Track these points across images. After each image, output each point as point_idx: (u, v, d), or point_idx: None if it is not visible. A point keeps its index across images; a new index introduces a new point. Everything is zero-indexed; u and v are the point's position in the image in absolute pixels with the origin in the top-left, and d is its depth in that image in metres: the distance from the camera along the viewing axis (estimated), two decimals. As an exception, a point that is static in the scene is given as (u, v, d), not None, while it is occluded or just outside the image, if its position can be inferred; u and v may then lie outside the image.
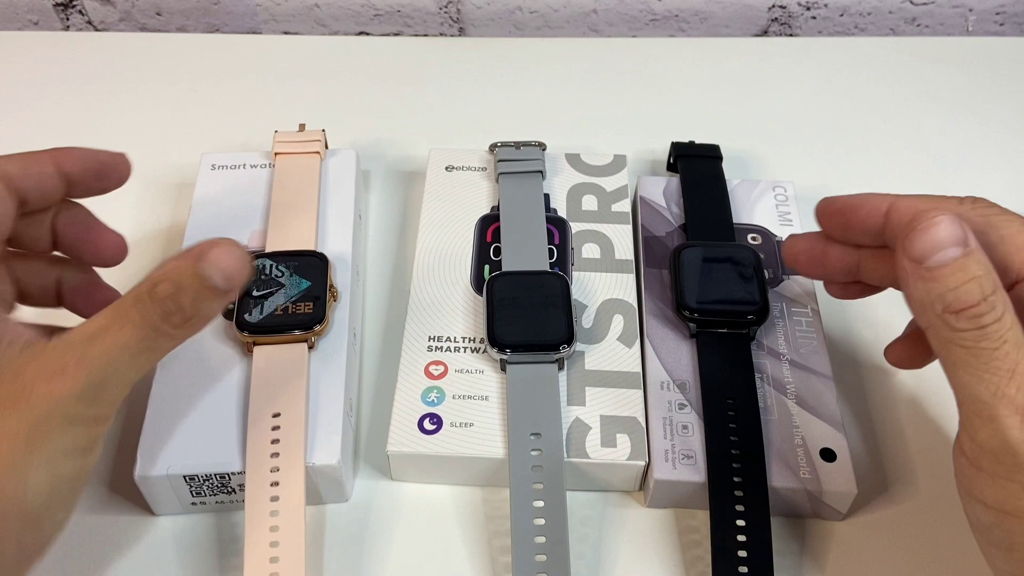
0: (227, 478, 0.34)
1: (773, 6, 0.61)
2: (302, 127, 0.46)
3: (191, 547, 0.35)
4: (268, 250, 0.40)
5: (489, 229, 0.43)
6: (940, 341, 0.28)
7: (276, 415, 0.35)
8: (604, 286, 0.41)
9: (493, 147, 0.46)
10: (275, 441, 0.34)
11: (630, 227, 0.43)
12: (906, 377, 0.41)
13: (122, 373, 0.29)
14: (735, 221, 0.43)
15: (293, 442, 0.34)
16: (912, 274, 0.28)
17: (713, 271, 0.40)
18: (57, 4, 0.62)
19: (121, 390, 0.29)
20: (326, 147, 0.45)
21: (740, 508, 0.34)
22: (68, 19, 0.63)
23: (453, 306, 0.40)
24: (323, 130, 0.46)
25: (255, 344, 0.37)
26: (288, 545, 0.32)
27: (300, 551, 0.32)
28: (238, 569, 0.35)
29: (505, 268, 0.41)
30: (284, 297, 0.38)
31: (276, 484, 0.33)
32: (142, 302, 0.28)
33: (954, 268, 0.27)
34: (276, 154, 0.45)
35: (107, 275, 0.36)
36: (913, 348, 0.35)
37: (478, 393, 0.37)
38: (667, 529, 0.36)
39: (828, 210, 0.34)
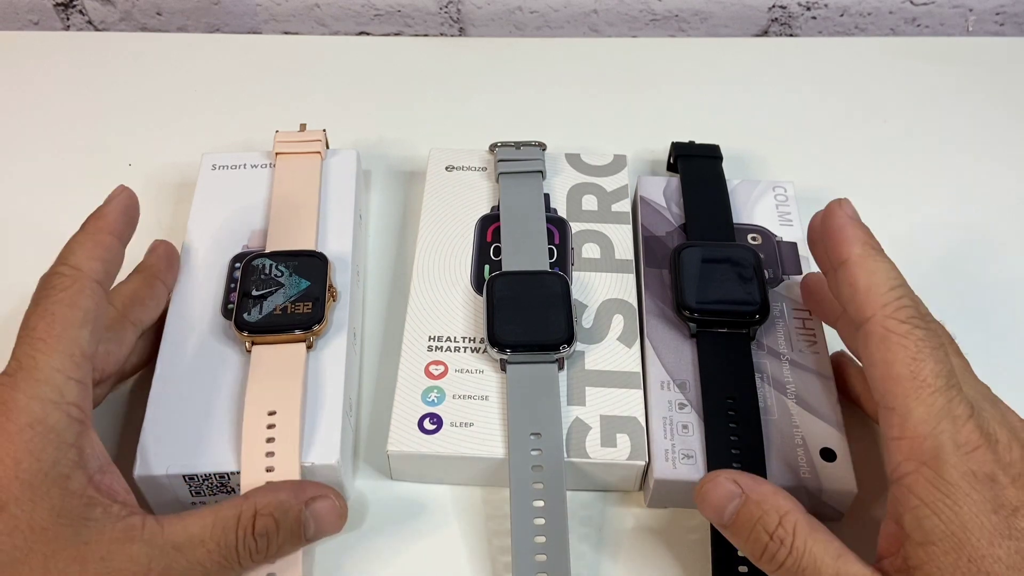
0: (226, 478, 0.34)
1: (773, 6, 0.61)
2: (303, 127, 0.46)
3: (191, 547, 0.35)
4: (268, 250, 0.40)
5: (489, 229, 0.43)
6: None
7: (272, 413, 0.35)
8: (604, 286, 0.41)
9: (493, 147, 0.46)
10: (270, 440, 0.34)
11: (630, 227, 0.43)
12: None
13: None
14: (735, 221, 0.43)
15: (288, 440, 0.34)
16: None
17: (713, 271, 0.40)
18: (57, 4, 0.62)
19: None
20: (327, 147, 0.45)
21: (740, 508, 0.34)
22: (68, 19, 0.63)
23: (453, 306, 0.40)
24: (324, 130, 0.46)
25: (254, 344, 0.37)
26: (288, 545, 0.32)
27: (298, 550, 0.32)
28: (238, 569, 0.35)
29: (505, 268, 0.41)
30: (283, 297, 0.38)
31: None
32: (239, 529, 0.30)
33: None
34: (277, 154, 0.45)
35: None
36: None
37: (478, 393, 0.37)
38: (667, 529, 0.36)
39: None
